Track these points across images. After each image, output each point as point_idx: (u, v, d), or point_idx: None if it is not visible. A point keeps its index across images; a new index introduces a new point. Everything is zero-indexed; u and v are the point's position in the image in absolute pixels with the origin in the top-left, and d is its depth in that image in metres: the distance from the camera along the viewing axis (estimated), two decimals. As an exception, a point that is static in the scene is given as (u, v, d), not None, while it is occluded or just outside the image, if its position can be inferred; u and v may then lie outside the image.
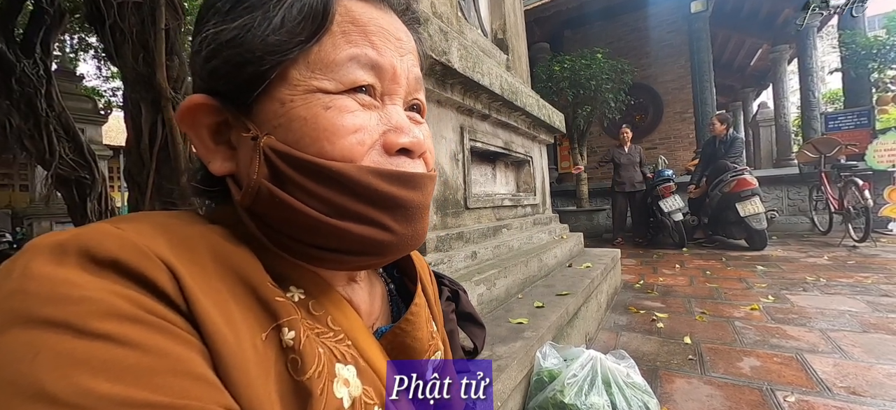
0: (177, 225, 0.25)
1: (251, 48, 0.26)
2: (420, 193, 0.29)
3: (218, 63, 0.27)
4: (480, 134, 1.77)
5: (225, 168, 0.29)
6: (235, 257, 0.25)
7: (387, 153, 0.29)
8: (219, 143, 0.30)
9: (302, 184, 0.26)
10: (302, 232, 0.27)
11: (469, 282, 1.26)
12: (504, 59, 2.33)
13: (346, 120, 0.27)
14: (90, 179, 5.64)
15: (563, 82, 5.06)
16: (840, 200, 3.88)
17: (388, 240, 0.28)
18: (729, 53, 9.25)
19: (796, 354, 1.53)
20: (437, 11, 1.58)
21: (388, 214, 0.27)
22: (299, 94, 0.27)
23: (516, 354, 0.98)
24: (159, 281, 0.20)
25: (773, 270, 2.93)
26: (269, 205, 0.27)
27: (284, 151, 0.26)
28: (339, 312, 0.30)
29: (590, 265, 2.16)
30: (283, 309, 0.25)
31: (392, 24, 0.30)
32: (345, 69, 0.27)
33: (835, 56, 8.97)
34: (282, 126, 0.27)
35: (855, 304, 2.07)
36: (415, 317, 0.35)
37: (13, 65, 4.84)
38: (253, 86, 0.27)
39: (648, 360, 1.55)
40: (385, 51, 0.29)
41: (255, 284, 0.25)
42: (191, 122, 0.29)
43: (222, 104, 0.28)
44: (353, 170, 0.26)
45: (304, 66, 0.27)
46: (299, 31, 0.26)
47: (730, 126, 4.13)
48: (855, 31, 5.16)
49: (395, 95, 0.30)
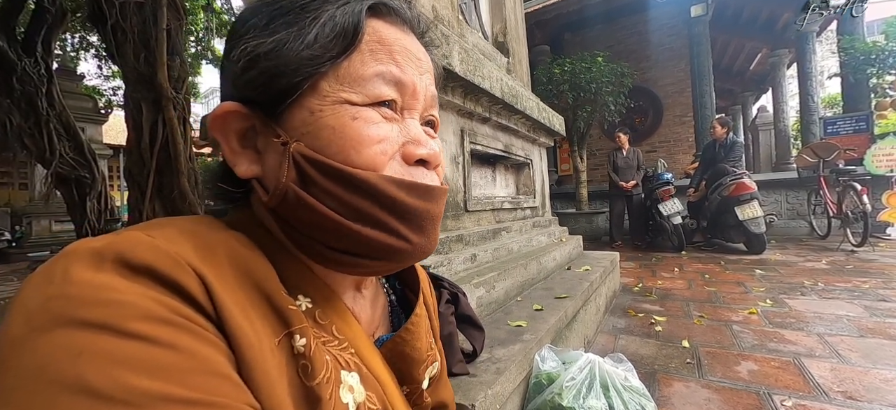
0: (201, 231, 0.27)
1: (286, 61, 0.28)
2: (434, 205, 0.31)
3: (255, 74, 0.29)
4: (481, 137, 1.78)
5: (251, 171, 0.31)
6: (252, 265, 0.27)
7: (406, 163, 0.31)
8: (245, 147, 0.31)
9: (328, 189, 0.28)
10: (323, 234, 0.29)
11: (468, 285, 1.27)
12: (505, 63, 2.34)
13: (371, 130, 0.29)
14: (90, 178, 5.66)
15: (563, 85, 5.07)
16: (838, 205, 3.89)
17: (403, 248, 0.30)
18: (729, 57, 9.28)
19: (794, 358, 1.54)
20: (439, 15, 1.59)
21: (404, 223, 0.29)
22: (328, 105, 0.29)
23: (515, 357, 0.98)
24: (190, 286, 0.22)
25: (771, 274, 2.94)
26: (295, 207, 0.29)
27: (314, 157, 0.28)
28: (343, 322, 0.32)
29: (589, 268, 2.16)
30: (295, 318, 0.27)
31: (413, 44, 0.33)
32: (371, 84, 0.29)
33: (834, 61, 9.00)
34: (310, 133, 0.29)
35: (852, 309, 2.07)
36: (415, 327, 0.37)
37: (14, 63, 4.85)
38: (286, 96, 0.29)
39: (646, 363, 1.56)
40: (407, 69, 0.31)
41: (269, 291, 0.26)
42: (221, 127, 0.30)
43: (251, 111, 0.30)
44: (376, 178, 0.28)
45: (333, 79, 0.29)
46: (331, 46, 0.28)
47: (730, 130, 4.14)
48: (854, 37, 5.18)
49: (414, 110, 0.33)
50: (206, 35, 9.35)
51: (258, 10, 0.31)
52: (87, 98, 8.07)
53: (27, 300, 0.19)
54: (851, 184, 3.66)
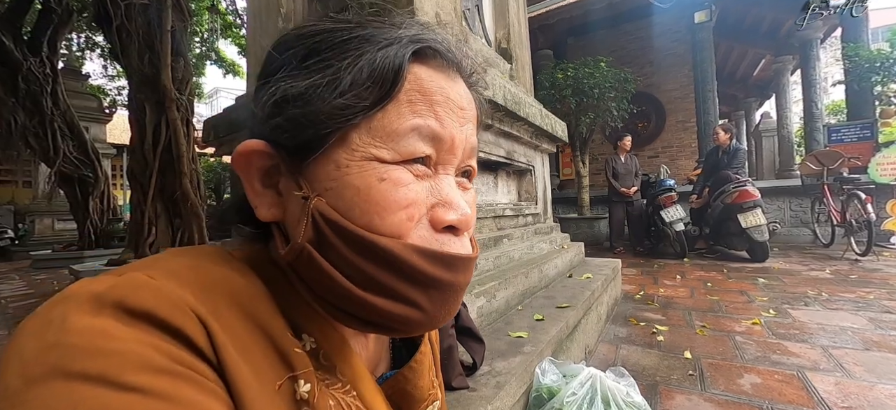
0: (206, 267, 0.26)
1: (316, 110, 0.26)
2: (462, 276, 0.29)
3: (281, 120, 0.27)
4: (483, 143, 1.77)
5: (271, 214, 0.29)
6: (258, 305, 0.26)
7: (434, 228, 0.28)
8: (267, 187, 0.29)
9: (344, 255, 0.26)
10: (334, 297, 0.27)
11: (469, 295, 1.26)
12: (507, 69, 2.34)
13: (399, 194, 0.26)
14: (93, 177, 5.69)
15: (566, 90, 5.07)
16: (842, 213, 3.86)
17: (418, 319, 0.27)
18: (732, 63, 9.26)
19: (798, 372, 1.52)
20: (442, 22, 1.59)
21: (423, 294, 0.27)
22: (356, 161, 0.26)
23: (515, 370, 0.97)
24: (190, 332, 0.21)
25: (774, 283, 2.92)
26: (308, 268, 0.27)
27: (333, 219, 0.26)
28: (346, 363, 0.30)
29: (590, 276, 2.15)
30: (300, 362, 0.26)
31: (458, 92, 0.30)
32: (405, 140, 0.27)
33: (838, 68, 8.96)
34: (333, 190, 0.26)
35: (857, 320, 2.05)
36: (418, 365, 0.35)
37: (20, 63, 4.88)
38: (312, 148, 0.27)
39: (648, 375, 1.54)
40: (447, 122, 0.28)
41: (274, 334, 0.25)
42: (245, 166, 0.29)
43: (277, 152, 0.28)
44: (398, 248, 0.26)
45: (365, 131, 0.26)
46: (366, 95, 0.26)
47: (733, 136, 4.12)
48: (858, 44, 5.16)
49: (449, 165, 0.30)
50: (211, 36, 9.41)
51: (291, 44, 0.28)
52: (91, 97, 8.12)
53: (23, 348, 0.19)
54: (855, 192, 3.64)
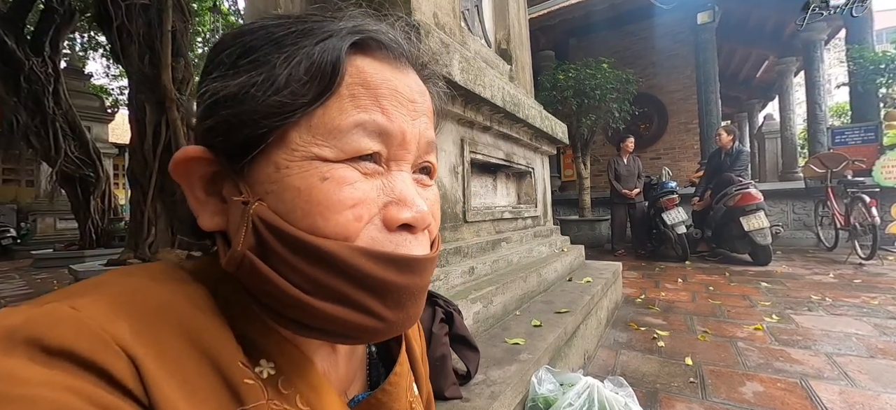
0: (147, 291, 0.23)
1: (250, 110, 0.24)
2: (418, 277, 0.27)
3: (214, 122, 0.26)
4: (481, 146, 1.75)
5: (213, 223, 0.27)
6: (206, 331, 0.24)
7: (387, 228, 0.26)
8: (210, 195, 0.28)
9: (288, 261, 0.24)
10: (283, 307, 0.25)
11: (465, 300, 1.24)
12: (507, 70, 2.32)
13: (343, 193, 0.25)
14: (94, 177, 5.70)
15: (567, 91, 5.04)
16: (846, 216, 3.82)
17: (375, 327, 0.26)
18: (735, 65, 9.21)
19: (801, 380, 1.49)
20: (440, 22, 1.57)
21: (378, 299, 0.25)
22: (296, 161, 0.25)
23: (511, 379, 0.95)
24: (115, 370, 0.19)
25: (777, 287, 2.88)
26: (252, 278, 0.25)
27: (273, 223, 0.24)
28: (310, 388, 0.28)
29: (590, 279, 2.13)
30: (251, 394, 0.24)
31: (407, 84, 0.28)
32: (349, 137, 0.25)
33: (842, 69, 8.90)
34: (274, 193, 0.25)
35: (861, 327, 2.02)
36: (394, 387, 0.33)
37: (22, 62, 4.90)
38: (247, 150, 0.25)
39: (648, 382, 1.52)
40: (395, 115, 0.27)
41: (223, 364, 0.23)
42: (184, 173, 0.27)
43: (217, 157, 0.27)
44: (344, 251, 0.24)
45: (305, 129, 0.25)
46: (304, 91, 0.24)
47: (736, 138, 4.09)
48: (863, 46, 5.11)
49: (403, 161, 0.28)
50: (213, 36, 9.42)
51: (228, 45, 0.27)
52: (93, 97, 8.14)
53: None
54: (860, 195, 3.60)
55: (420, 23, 1.24)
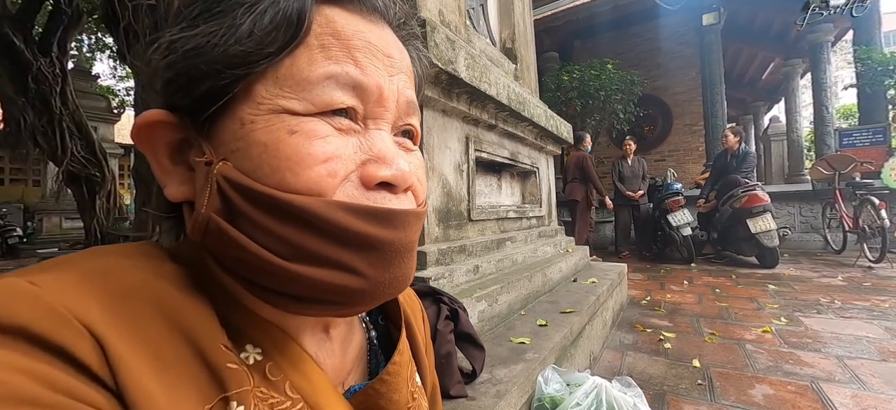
0: (120, 271, 0.22)
1: (211, 60, 0.23)
2: (403, 232, 0.25)
3: (173, 75, 0.24)
4: (486, 144, 1.74)
5: (180, 192, 0.26)
6: (186, 312, 0.22)
7: (365, 186, 0.25)
8: (177, 164, 0.26)
9: (257, 221, 0.22)
10: (257, 275, 0.23)
11: (470, 298, 1.22)
12: (512, 69, 2.31)
13: (313, 147, 0.23)
14: (100, 177, 5.73)
15: (571, 92, 5.03)
16: (855, 219, 3.78)
17: (359, 287, 0.24)
18: (740, 66, 9.15)
19: (812, 382, 1.46)
20: (446, 20, 1.57)
21: (361, 257, 0.23)
22: (262, 115, 0.23)
23: (517, 378, 0.94)
24: (78, 350, 0.17)
25: (785, 290, 2.84)
26: (220, 243, 0.23)
27: (239, 181, 0.23)
28: (300, 375, 0.26)
29: (595, 280, 2.11)
30: (234, 379, 0.22)
31: (383, 38, 0.27)
32: (319, 89, 0.23)
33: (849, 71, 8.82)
34: (240, 150, 0.23)
35: (872, 330, 1.99)
36: (393, 377, 0.30)
37: (30, 63, 4.95)
38: (209, 103, 0.23)
39: (655, 384, 1.50)
40: (370, 69, 0.25)
41: (204, 347, 0.22)
42: (148, 140, 0.25)
43: (182, 120, 0.25)
44: (318, 205, 0.22)
45: (272, 81, 0.23)
46: (269, 41, 0.23)
47: (742, 140, 4.06)
48: (870, 47, 5.06)
49: (381, 120, 0.26)
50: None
51: (188, 2, 0.25)
52: (100, 98, 8.22)
53: None
54: (869, 198, 3.55)
55: (426, 19, 1.23)
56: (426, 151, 1.34)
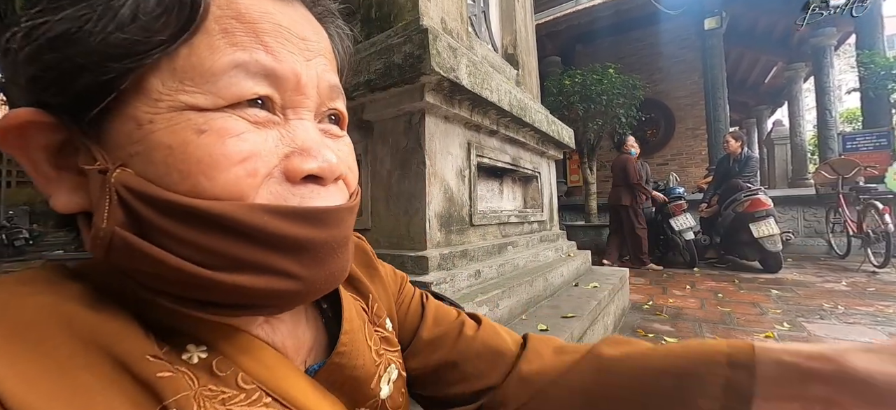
0: (17, 301, 0.19)
1: (88, 50, 0.19)
2: (336, 230, 0.24)
3: (39, 69, 0.20)
4: (488, 149, 1.76)
5: (73, 202, 0.22)
6: (101, 330, 0.20)
7: (290, 181, 0.23)
8: (61, 169, 0.22)
9: (173, 233, 0.20)
10: (182, 288, 0.21)
11: (472, 303, 1.24)
12: (514, 75, 2.33)
13: (227, 147, 0.21)
14: (105, 180, 5.79)
15: (573, 96, 5.04)
16: (859, 224, 3.76)
17: (294, 289, 0.22)
18: (743, 70, 9.15)
19: (813, 389, 1.46)
20: (448, 27, 1.59)
21: (293, 259, 0.22)
22: (162, 113, 0.20)
23: (518, 382, 0.94)
24: None
25: (788, 295, 2.83)
26: (129, 259, 0.20)
27: (144, 191, 0.20)
28: (255, 362, 0.25)
29: (597, 285, 2.11)
30: (169, 387, 0.20)
31: (294, 19, 0.24)
32: (226, 79, 0.21)
33: (852, 75, 8.80)
34: (140, 155, 0.20)
35: (875, 335, 1.98)
36: (349, 346, 0.29)
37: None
38: (93, 101, 0.20)
39: (657, 389, 1.50)
40: (284, 55, 0.23)
41: (129, 362, 0.20)
42: (20, 145, 0.22)
43: (61, 120, 0.21)
44: (240, 211, 0.20)
45: (168, 74, 0.21)
46: (158, 27, 0.20)
47: (744, 144, 4.06)
48: (873, 51, 5.06)
49: (301, 108, 0.24)
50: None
51: None
52: (106, 102, 8.30)
53: None
54: (873, 202, 3.54)
55: (428, 28, 1.25)
56: (428, 157, 1.36)
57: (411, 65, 1.23)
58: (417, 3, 1.42)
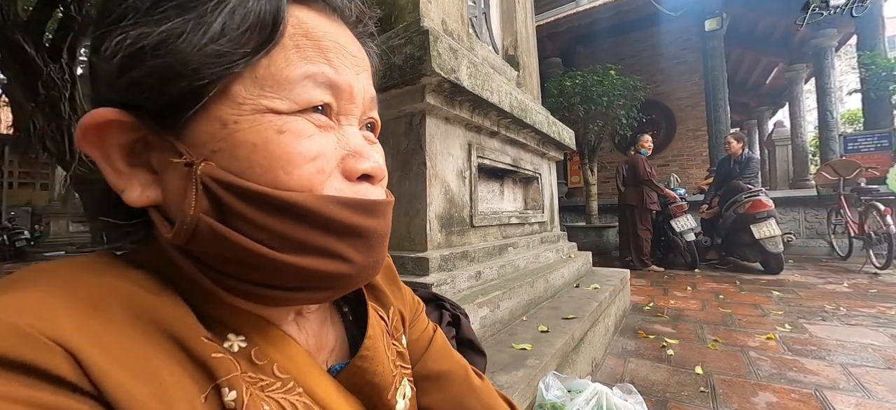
0: (85, 281, 0.21)
1: (185, 59, 0.22)
2: (383, 221, 0.27)
3: (140, 74, 0.22)
4: (488, 151, 1.76)
5: (146, 197, 0.24)
6: (162, 311, 0.22)
7: (347, 179, 0.26)
8: (135, 166, 0.25)
9: (253, 219, 0.23)
10: (251, 271, 0.24)
11: (472, 304, 1.23)
12: (514, 76, 2.33)
13: (303, 146, 0.24)
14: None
15: (574, 98, 5.04)
16: (860, 225, 3.75)
17: (347, 272, 0.25)
18: (744, 71, 9.15)
19: (815, 391, 1.46)
20: (449, 29, 1.59)
21: (349, 244, 0.25)
22: (246, 115, 0.23)
23: (518, 384, 0.94)
24: (52, 366, 0.17)
25: (789, 296, 2.83)
26: (211, 243, 0.23)
27: (230, 182, 0.23)
28: (285, 357, 0.27)
29: (598, 286, 2.11)
30: (222, 367, 0.22)
31: (346, 38, 0.28)
32: (300, 87, 0.24)
33: (854, 76, 8.79)
34: (223, 151, 0.23)
35: (877, 337, 1.97)
36: (370, 351, 0.31)
37: (40, 69, 5.01)
38: (187, 105, 0.23)
39: (657, 391, 1.49)
40: (342, 69, 0.27)
41: (186, 341, 0.22)
42: (97, 143, 0.24)
43: (139, 120, 0.24)
44: (314, 200, 0.24)
45: (251, 81, 0.24)
46: (245, 40, 0.23)
47: (746, 145, 4.05)
48: (874, 52, 5.05)
49: (351, 115, 0.28)
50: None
51: None
52: (107, 103, 8.31)
53: None
54: (874, 203, 3.53)
55: (429, 29, 1.25)
56: (429, 158, 1.36)
57: (412, 66, 1.23)
58: (418, 5, 1.42)
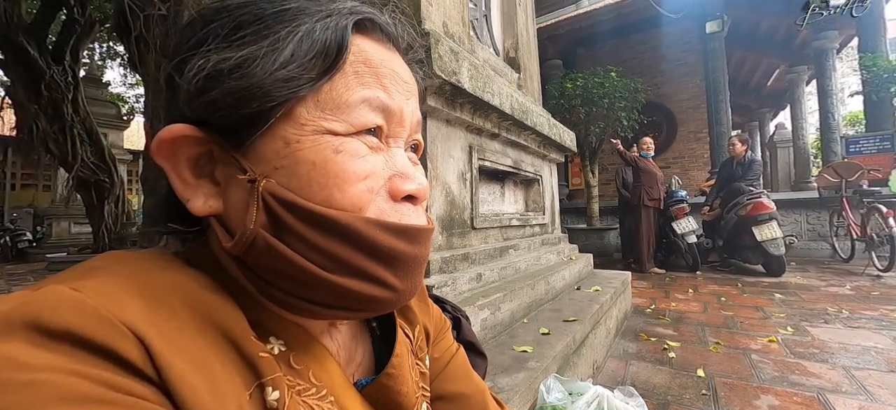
0: (149, 274, 0.23)
1: (258, 82, 0.24)
2: (423, 247, 0.28)
3: (217, 95, 0.24)
4: (489, 153, 1.76)
5: (208, 207, 0.26)
6: (217, 309, 0.23)
7: (392, 199, 0.28)
8: (200, 177, 0.27)
9: (305, 237, 0.24)
10: (296, 286, 0.25)
11: (473, 306, 1.23)
12: (515, 78, 2.33)
13: (357, 165, 0.26)
14: (109, 182, 5.82)
15: (575, 100, 5.04)
16: (862, 227, 3.74)
17: (387, 297, 0.26)
18: (745, 73, 9.14)
19: (818, 394, 1.45)
20: (450, 31, 1.59)
21: (390, 270, 0.26)
22: (307, 135, 0.25)
23: (519, 386, 0.94)
24: (124, 350, 0.18)
25: (791, 299, 2.82)
26: (265, 257, 0.25)
27: (288, 199, 0.24)
28: (319, 366, 0.28)
29: (599, 288, 2.11)
30: (268, 366, 0.24)
31: (399, 65, 0.30)
32: (357, 111, 0.26)
33: (855, 78, 8.77)
34: (285, 168, 0.25)
35: (880, 340, 1.96)
36: (397, 370, 0.32)
37: (43, 71, 5.06)
38: (255, 124, 0.25)
39: (659, 394, 1.49)
40: (395, 94, 0.28)
41: (237, 338, 0.23)
42: (169, 154, 0.26)
43: (208, 135, 0.26)
44: (361, 223, 0.25)
45: (313, 104, 0.25)
46: (311, 67, 0.25)
47: (749, 147, 4.04)
48: (876, 54, 5.04)
49: (400, 138, 0.30)
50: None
51: (219, 14, 0.25)
52: (111, 105, 8.35)
53: None
54: (876, 205, 3.52)
55: (430, 32, 1.26)
56: (430, 160, 1.36)
57: (413, 68, 1.23)
58: (419, 7, 1.43)
